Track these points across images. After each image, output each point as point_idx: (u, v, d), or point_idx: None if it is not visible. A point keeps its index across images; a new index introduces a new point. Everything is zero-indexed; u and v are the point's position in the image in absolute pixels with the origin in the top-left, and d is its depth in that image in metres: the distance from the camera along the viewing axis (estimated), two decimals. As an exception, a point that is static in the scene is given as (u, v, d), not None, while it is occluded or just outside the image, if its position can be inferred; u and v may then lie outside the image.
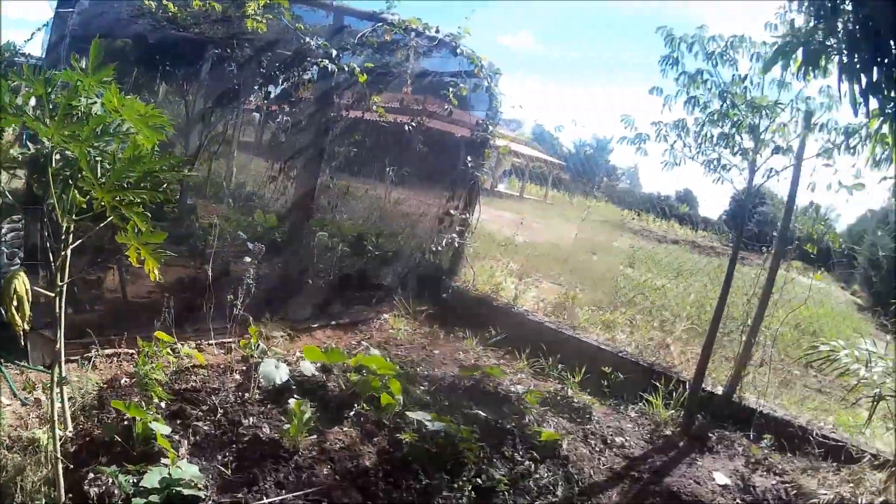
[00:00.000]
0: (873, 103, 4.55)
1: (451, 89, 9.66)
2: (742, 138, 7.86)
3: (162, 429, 4.99)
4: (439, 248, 10.48)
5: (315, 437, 5.68)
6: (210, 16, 7.66)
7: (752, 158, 7.82)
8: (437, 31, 9.35)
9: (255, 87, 8.25)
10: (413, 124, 9.58)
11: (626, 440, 7.46)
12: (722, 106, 7.77)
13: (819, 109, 7.70)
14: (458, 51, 9.73)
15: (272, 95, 8.58)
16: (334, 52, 7.98)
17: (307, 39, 7.83)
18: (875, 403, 7.27)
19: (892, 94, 4.44)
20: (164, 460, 4.69)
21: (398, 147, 9.81)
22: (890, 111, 4.62)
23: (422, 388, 7.26)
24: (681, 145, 8.22)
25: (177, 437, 5.23)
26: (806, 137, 7.86)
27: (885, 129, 5.57)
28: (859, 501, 6.92)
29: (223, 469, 5.03)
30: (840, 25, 4.61)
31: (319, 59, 7.91)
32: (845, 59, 4.50)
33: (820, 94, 7.66)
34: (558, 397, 7.90)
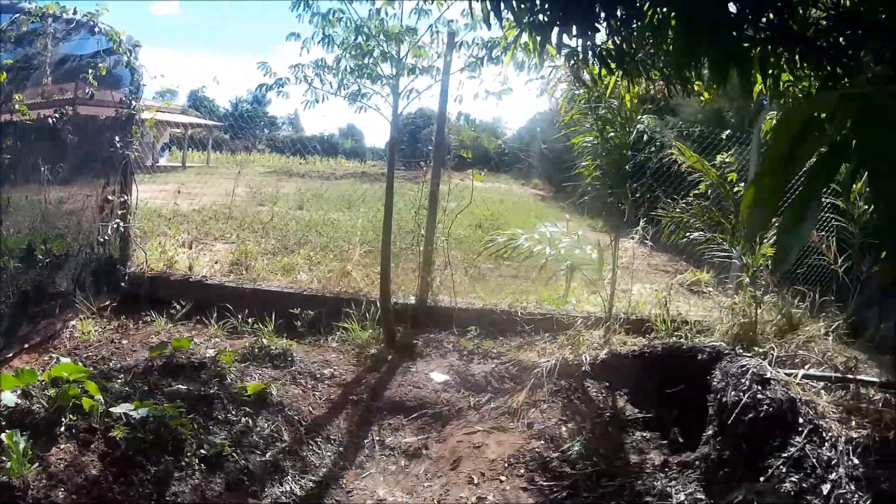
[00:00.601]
0: (510, 16, 4.78)
1: (90, 71, 9.22)
2: (382, 67, 8.07)
3: None
4: (107, 238, 10.05)
5: (38, 464, 5.33)
6: None
7: (394, 84, 8.05)
8: (75, 13, 8.85)
9: None
10: (56, 116, 9.08)
11: (334, 370, 7.72)
12: (356, 39, 7.92)
13: (462, 30, 8.04)
14: (96, 29, 9.28)
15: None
16: (-30, 54, 7.41)
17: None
18: (570, 274, 7.74)
19: (523, 6, 4.67)
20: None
21: (48, 143, 9.24)
22: (526, 22, 4.85)
23: (119, 380, 6.96)
24: (319, 83, 8.32)
25: (-80, 520, 4.81)
26: (451, 56, 8.18)
27: (525, 37, 5.85)
28: (584, 359, 7.36)
29: (-27, 536, 4.67)
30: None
31: (-45, 64, 7.34)
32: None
33: (462, 15, 8.01)
34: (255, 349, 7.86)
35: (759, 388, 6.14)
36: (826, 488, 5.43)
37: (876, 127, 1.88)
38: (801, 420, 6.02)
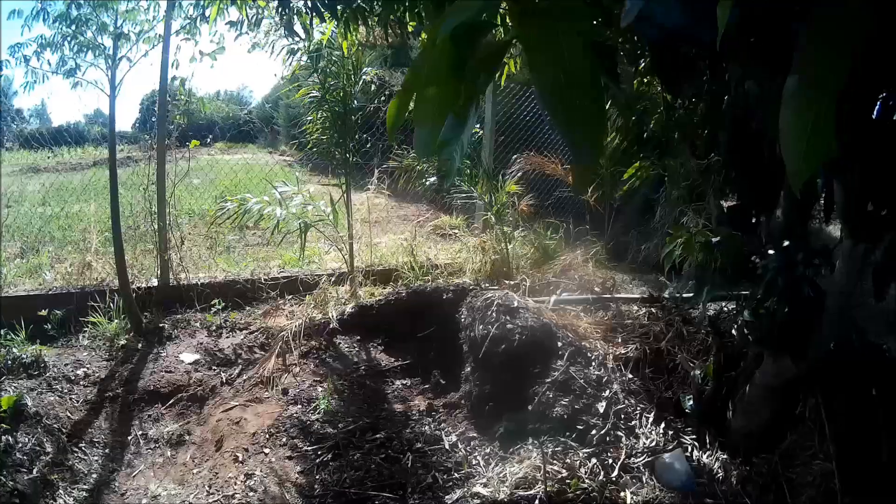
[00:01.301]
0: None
1: None
2: (98, 38, 7.69)
3: None
4: None
5: None
6: None
7: (111, 55, 7.69)
8: None
9: None
10: None
11: (88, 369, 7.24)
12: (68, 10, 7.53)
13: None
14: None
15: None
16: None
17: None
18: (303, 232, 7.61)
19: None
20: None
21: None
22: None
23: None
24: (37, 62, 7.86)
25: None
26: (171, 19, 7.89)
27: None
28: (331, 316, 7.27)
29: None
30: None
31: None
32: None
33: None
34: (9, 361, 7.35)
35: (508, 318, 6.19)
36: (602, 406, 5.50)
37: (534, 25, 1.82)
38: (560, 344, 6.08)
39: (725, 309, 6.43)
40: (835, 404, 4.92)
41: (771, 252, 4.40)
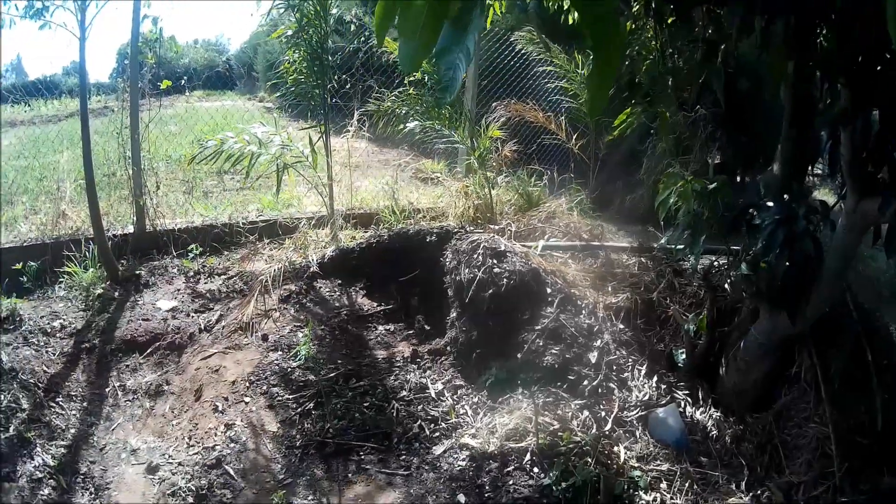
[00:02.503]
0: None
1: None
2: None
3: None
4: None
5: None
6: None
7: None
8: None
9: None
10: None
11: (64, 320, 7.01)
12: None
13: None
14: None
15: None
16: None
17: None
18: (280, 173, 7.39)
19: None
20: None
21: None
22: None
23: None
24: (4, 7, 7.59)
25: None
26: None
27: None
28: (311, 259, 7.08)
29: None
30: None
31: None
32: None
33: None
34: (-18, 317, 7.18)
35: (495, 261, 6.03)
36: (594, 356, 5.41)
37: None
38: (549, 290, 5.95)
39: (717, 263, 6.32)
40: (831, 366, 4.86)
41: (770, 204, 4.25)
